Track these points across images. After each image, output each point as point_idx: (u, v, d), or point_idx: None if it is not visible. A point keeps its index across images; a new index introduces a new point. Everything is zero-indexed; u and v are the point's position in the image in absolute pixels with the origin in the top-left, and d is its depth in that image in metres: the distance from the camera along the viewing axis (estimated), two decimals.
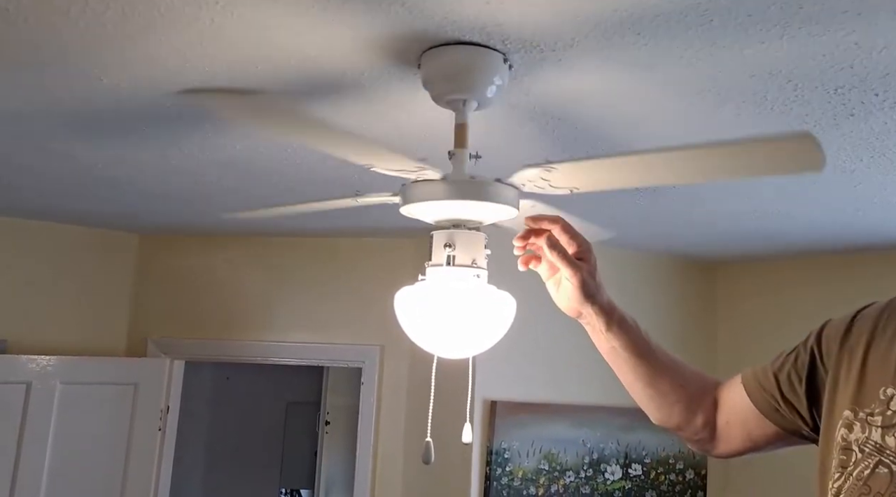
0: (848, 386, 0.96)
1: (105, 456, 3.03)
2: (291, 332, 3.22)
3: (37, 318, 3.10)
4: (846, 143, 1.64)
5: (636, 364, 1.14)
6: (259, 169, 2.09)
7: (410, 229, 2.80)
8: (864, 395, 0.93)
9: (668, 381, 1.15)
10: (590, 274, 1.10)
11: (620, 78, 1.34)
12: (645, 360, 1.14)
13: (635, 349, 1.13)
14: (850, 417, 0.93)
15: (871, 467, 0.88)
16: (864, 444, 0.90)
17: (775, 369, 1.08)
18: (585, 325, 1.15)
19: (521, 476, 2.80)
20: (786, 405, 1.06)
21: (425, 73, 1.30)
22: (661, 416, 1.18)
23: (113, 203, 2.68)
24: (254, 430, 4.85)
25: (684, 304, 3.34)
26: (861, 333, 0.98)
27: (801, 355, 1.05)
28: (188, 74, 1.41)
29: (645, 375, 1.14)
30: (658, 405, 1.17)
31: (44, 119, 1.74)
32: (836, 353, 1.00)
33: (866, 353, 0.96)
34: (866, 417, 0.91)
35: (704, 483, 3.20)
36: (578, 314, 1.14)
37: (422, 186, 1.25)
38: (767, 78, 1.30)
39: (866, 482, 0.87)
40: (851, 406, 0.94)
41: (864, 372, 0.95)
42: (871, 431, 0.90)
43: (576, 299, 1.10)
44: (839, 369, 0.98)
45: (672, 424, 1.18)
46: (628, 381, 1.17)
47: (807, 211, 2.31)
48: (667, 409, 1.16)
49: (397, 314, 1.30)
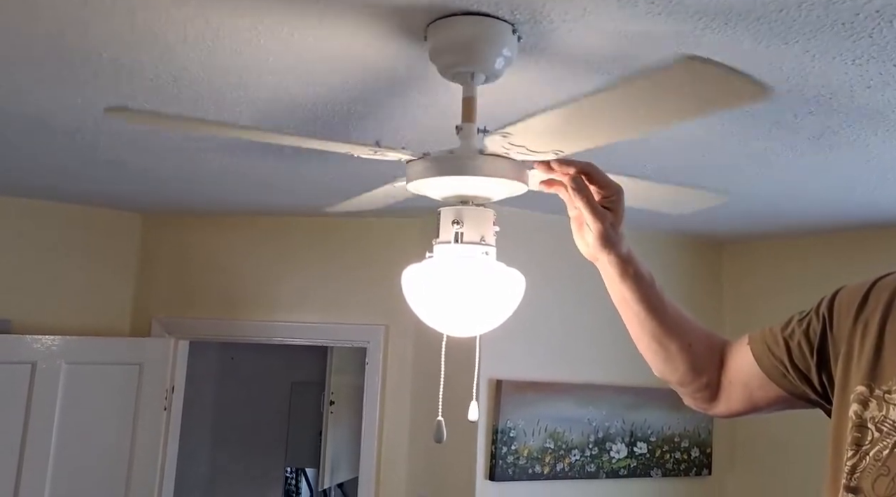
0: (862, 360, 0.92)
1: (111, 435, 3.03)
2: (296, 312, 3.21)
3: (41, 298, 3.09)
4: (862, 116, 1.61)
5: (646, 318, 1.12)
6: (257, 147, 2.06)
7: (416, 209, 2.77)
8: (880, 370, 0.90)
9: (677, 339, 1.14)
10: (612, 225, 1.07)
11: (631, 48, 1.30)
12: (656, 314, 1.12)
13: (647, 303, 1.12)
14: (864, 393, 0.90)
15: (889, 447, 0.85)
16: (882, 422, 0.87)
17: (786, 335, 1.05)
18: (601, 271, 1.14)
19: (526, 454, 2.80)
20: (794, 371, 1.03)
21: (432, 46, 1.27)
22: (663, 370, 1.17)
23: (114, 183, 2.66)
24: (259, 410, 4.87)
25: (690, 282, 3.31)
26: (877, 305, 0.94)
27: (813, 322, 1.02)
28: (189, 53, 1.38)
29: (654, 330, 1.13)
30: (663, 359, 1.16)
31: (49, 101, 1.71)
32: (851, 324, 0.96)
33: (882, 327, 0.92)
34: (883, 395, 0.88)
35: (710, 461, 3.20)
36: (595, 259, 1.13)
37: (429, 162, 1.22)
38: (778, 44, 1.27)
39: (885, 462, 0.85)
40: (866, 381, 0.91)
41: (881, 346, 0.91)
42: (889, 410, 0.87)
43: (594, 246, 1.09)
44: (853, 341, 0.95)
45: (674, 380, 1.17)
46: (636, 334, 1.16)
47: (816, 186, 2.27)
48: (671, 365, 1.15)
49: (404, 292, 1.28)
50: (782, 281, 3.20)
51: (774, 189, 2.32)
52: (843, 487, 0.89)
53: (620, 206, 1.09)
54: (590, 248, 1.11)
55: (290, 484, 5.26)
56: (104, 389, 3.03)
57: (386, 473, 3.07)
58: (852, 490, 0.87)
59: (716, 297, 3.40)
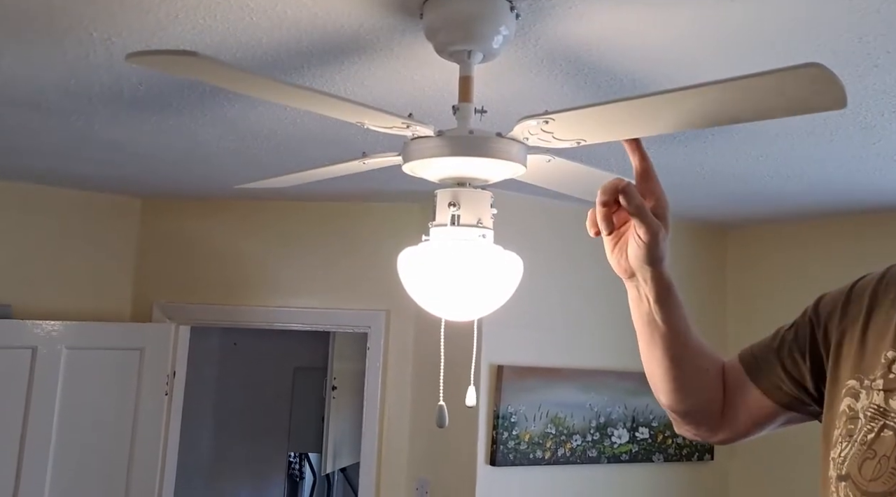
0: (850, 355, 0.94)
1: (112, 420, 3.03)
2: (297, 297, 3.20)
3: (41, 284, 3.09)
4: (868, 97, 1.57)
5: (673, 342, 1.03)
6: (258, 128, 2.04)
7: (416, 193, 2.75)
8: (866, 362, 0.91)
9: (697, 364, 1.07)
10: (663, 236, 0.95)
11: (637, 23, 1.27)
12: (681, 338, 1.04)
13: (677, 326, 1.03)
14: (855, 386, 0.91)
15: (874, 431, 0.85)
16: (867, 408, 0.87)
17: (776, 346, 1.04)
18: (631, 288, 1.03)
19: (527, 440, 2.79)
20: (790, 381, 1.02)
21: (428, 23, 1.24)
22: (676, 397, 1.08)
23: (113, 166, 2.64)
24: (262, 396, 4.88)
25: (694, 268, 3.29)
26: (861, 303, 0.96)
27: (802, 329, 1.02)
28: (180, 31, 1.36)
29: (676, 356, 1.04)
30: (679, 385, 1.07)
31: (41, 81, 1.69)
32: (837, 325, 0.97)
33: (867, 322, 0.94)
34: (871, 384, 0.89)
35: (712, 446, 3.19)
36: (630, 275, 1.01)
37: (424, 143, 1.20)
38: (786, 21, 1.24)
39: (871, 446, 0.85)
40: (856, 375, 0.92)
41: (865, 339, 0.93)
42: (873, 395, 0.88)
43: (637, 259, 0.96)
44: (842, 341, 0.96)
45: (684, 407, 1.09)
46: (656, 357, 1.05)
47: (821, 170, 2.24)
48: (685, 391, 1.08)
49: (401, 276, 1.26)
50: (787, 266, 3.17)
51: (779, 172, 2.29)
52: (834, 478, 0.89)
53: (668, 217, 0.97)
54: (631, 260, 0.98)
55: (294, 468, 5.28)
56: (105, 375, 3.03)
57: (387, 458, 3.07)
58: (843, 478, 0.87)
59: (719, 282, 3.38)
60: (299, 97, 1.18)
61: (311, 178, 1.55)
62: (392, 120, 1.15)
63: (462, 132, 1.20)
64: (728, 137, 1.95)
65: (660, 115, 1.03)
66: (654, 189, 0.98)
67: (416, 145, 1.20)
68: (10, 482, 2.80)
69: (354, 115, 1.16)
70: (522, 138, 1.16)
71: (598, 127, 1.08)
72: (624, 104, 0.98)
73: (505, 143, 1.17)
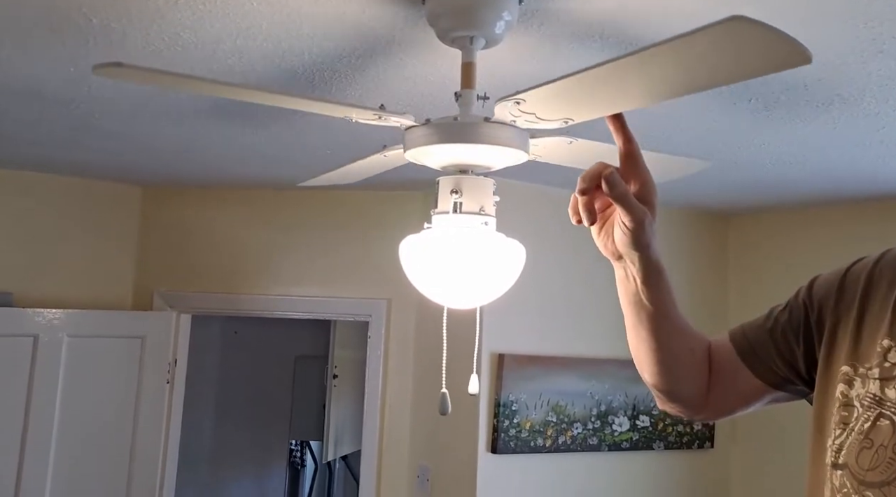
0: (845, 341, 0.93)
1: (114, 408, 3.04)
2: (298, 285, 3.20)
3: (42, 272, 3.09)
4: (872, 83, 1.56)
5: (660, 324, 1.02)
6: (258, 114, 2.03)
7: (418, 181, 2.74)
8: (862, 349, 0.90)
9: (683, 344, 1.06)
10: (649, 221, 0.92)
11: (643, 3, 1.26)
12: (668, 320, 1.03)
13: (664, 308, 1.01)
14: (849, 373, 0.90)
15: (871, 420, 0.85)
16: (863, 397, 0.87)
17: (769, 326, 1.04)
18: (618, 268, 1.00)
19: (528, 428, 2.80)
20: (781, 361, 1.02)
21: (430, 9, 1.23)
22: (661, 378, 1.08)
23: (113, 154, 2.63)
24: (263, 384, 4.89)
25: (695, 255, 3.28)
26: (856, 288, 0.95)
27: (795, 312, 1.02)
28: (181, 17, 1.35)
29: (663, 337, 1.04)
30: (665, 366, 1.07)
31: (40, 69, 1.68)
32: (832, 309, 0.96)
33: (862, 308, 0.93)
34: (866, 372, 0.88)
35: (712, 434, 3.20)
36: (618, 258, 0.98)
37: (426, 129, 1.19)
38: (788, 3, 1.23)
39: (868, 435, 0.85)
40: (850, 361, 0.91)
41: (861, 326, 0.92)
42: (869, 384, 0.87)
43: (624, 245, 0.93)
44: (836, 325, 0.95)
45: (668, 387, 1.09)
46: (643, 337, 1.05)
47: (823, 157, 2.23)
48: (672, 372, 1.08)
49: (402, 263, 1.26)
50: (788, 252, 3.17)
51: (781, 159, 2.28)
52: (829, 465, 0.89)
53: (655, 200, 0.94)
54: (617, 245, 0.95)
55: (295, 456, 5.30)
56: (107, 362, 3.04)
57: (388, 446, 3.08)
58: (839, 467, 0.87)
59: (721, 269, 3.37)
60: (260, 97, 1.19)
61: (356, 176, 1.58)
62: (364, 113, 1.15)
63: (467, 118, 1.19)
64: (732, 125, 1.94)
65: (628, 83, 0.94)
66: (639, 172, 0.93)
67: (409, 134, 1.20)
68: (13, 470, 2.81)
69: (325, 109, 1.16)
70: (509, 121, 1.14)
71: (571, 103, 1.02)
72: (591, 73, 0.92)
73: (512, 130, 1.16)
